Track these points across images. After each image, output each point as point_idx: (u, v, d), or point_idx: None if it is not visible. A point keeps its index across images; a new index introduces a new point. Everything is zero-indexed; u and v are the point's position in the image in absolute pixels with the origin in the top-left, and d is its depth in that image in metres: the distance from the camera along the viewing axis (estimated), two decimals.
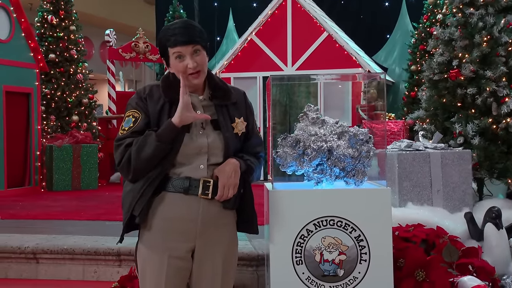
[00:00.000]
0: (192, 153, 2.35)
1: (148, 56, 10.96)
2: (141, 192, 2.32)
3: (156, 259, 2.37)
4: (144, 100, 2.38)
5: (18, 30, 8.49)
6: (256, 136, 2.54)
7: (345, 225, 2.72)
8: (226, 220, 2.44)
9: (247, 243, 3.96)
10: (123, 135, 2.35)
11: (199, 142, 2.36)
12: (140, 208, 2.32)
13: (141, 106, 2.37)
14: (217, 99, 2.43)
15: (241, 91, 2.56)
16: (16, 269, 4.19)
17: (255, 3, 14.62)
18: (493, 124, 4.61)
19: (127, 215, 2.36)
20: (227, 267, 2.46)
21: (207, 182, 2.34)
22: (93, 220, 5.56)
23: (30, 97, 8.69)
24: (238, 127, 2.44)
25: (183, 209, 2.35)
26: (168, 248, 2.36)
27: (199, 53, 2.34)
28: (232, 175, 2.33)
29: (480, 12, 4.78)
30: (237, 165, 2.36)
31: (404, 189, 4.15)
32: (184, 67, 2.31)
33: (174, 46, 2.31)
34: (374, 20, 14.52)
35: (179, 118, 2.27)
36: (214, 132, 2.39)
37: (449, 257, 3.28)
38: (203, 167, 2.35)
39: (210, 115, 2.39)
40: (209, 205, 2.36)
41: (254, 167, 2.46)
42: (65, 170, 8.72)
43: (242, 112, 2.48)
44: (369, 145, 2.80)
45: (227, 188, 2.33)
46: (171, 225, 2.36)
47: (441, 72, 4.93)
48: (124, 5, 19.55)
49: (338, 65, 9.91)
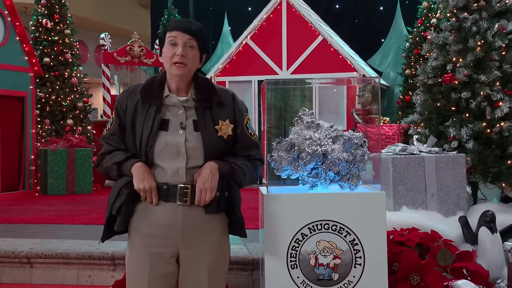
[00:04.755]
0: (169, 154, 2.32)
1: (143, 60, 10.97)
2: (117, 191, 2.36)
3: (139, 264, 2.38)
4: (125, 99, 2.42)
5: (13, 34, 8.47)
6: (247, 139, 2.46)
7: (339, 229, 2.72)
8: (212, 224, 2.40)
9: (242, 247, 3.95)
10: (105, 134, 2.47)
11: (176, 141, 2.33)
12: (118, 206, 2.34)
13: (118, 108, 2.43)
14: (200, 101, 2.39)
15: (230, 92, 2.49)
16: (10, 273, 4.18)
17: (250, 7, 14.65)
18: (487, 128, 4.62)
19: (108, 213, 2.39)
20: (214, 271, 2.41)
21: (184, 188, 2.32)
22: (87, 224, 5.54)
23: (25, 101, 8.67)
24: (222, 130, 2.38)
25: (163, 216, 2.34)
26: (151, 253, 2.36)
27: (192, 49, 2.34)
28: (208, 178, 2.28)
29: (474, 17, 4.80)
30: (215, 168, 2.31)
31: (399, 193, 4.16)
32: (172, 54, 2.32)
33: (172, 30, 2.34)
34: (369, 24, 14.58)
35: (135, 177, 2.31)
36: (194, 133, 2.35)
37: (444, 261, 3.28)
38: (182, 172, 2.32)
39: (191, 115, 2.37)
40: (190, 210, 2.34)
41: (242, 169, 2.39)
42: (60, 174, 8.69)
43: (229, 115, 2.42)
44: (363, 149, 2.80)
45: (204, 192, 2.28)
46: (153, 231, 2.35)
47: (436, 76, 4.96)
48: (119, 9, 19.56)
49: (333, 69, 9.94)
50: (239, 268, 3.76)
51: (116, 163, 2.36)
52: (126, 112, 2.40)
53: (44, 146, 8.88)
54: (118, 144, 2.42)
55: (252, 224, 4.29)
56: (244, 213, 2.52)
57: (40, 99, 9.48)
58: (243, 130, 2.46)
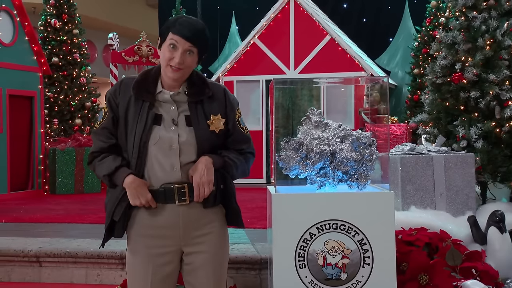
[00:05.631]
0: (162, 149, 2.32)
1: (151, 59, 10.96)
2: (119, 197, 2.35)
3: (142, 269, 2.38)
4: (117, 93, 2.40)
5: (22, 34, 8.52)
6: (239, 133, 2.47)
7: (348, 228, 2.71)
8: (211, 217, 2.41)
9: (250, 246, 3.95)
10: (96, 129, 2.44)
11: (169, 136, 2.33)
12: (120, 213, 2.34)
13: (111, 101, 2.41)
14: (192, 95, 2.39)
15: (222, 87, 2.49)
16: (19, 272, 4.20)
17: (257, 7, 14.65)
18: (496, 128, 4.60)
19: (108, 220, 2.39)
20: (218, 262, 2.44)
21: (181, 188, 2.32)
22: (96, 223, 5.55)
23: (34, 100, 8.71)
24: (214, 124, 2.38)
25: (163, 217, 2.35)
26: (153, 256, 2.36)
27: (191, 54, 2.33)
28: (204, 173, 2.29)
29: (483, 16, 4.78)
30: (209, 161, 2.32)
31: (407, 193, 4.15)
32: (170, 57, 2.31)
33: (175, 34, 2.31)
34: (377, 23, 14.54)
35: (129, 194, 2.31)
36: (186, 128, 2.36)
37: (453, 261, 3.27)
38: (176, 169, 2.32)
39: (183, 110, 2.37)
40: (189, 208, 2.35)
41: (234, 163, 2.41)
42: (68, 174, 8.73)
43: (221, 109, 2.42)
44: (372, 149, 2.80)
45: (202, 186, 2.29)
46: (154, 233, 2.36)
47: (444, 76, 4.93)
48: (127, 9, 19.61)
49: (341, 69, 9.91)
50: (247, 267, 3.76)
51: (107, 175, 2.35)
52: (118, 106, 2.39)
53: (53, 145, 8.93)
54: (109, 140, 2.40)
55: (260, 223, 4.30)
56: (252, 212, 2.53)
57: (48, 99, 9.53)
58: (235, 124, 2.46)
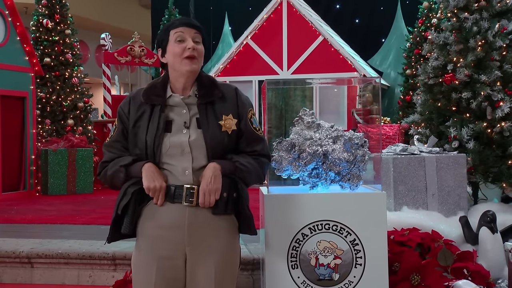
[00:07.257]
0: (175, 154, 2.31)
1: (143, 60, 10.97)
2: (124, 191, 2.34)
3: (146, 268, 2.35)
4: (128, 104, 2.41)
5: (13, 34, 8.48)
6: (251, 133, 2.40)
7: (340, 229, 2.72)
8: (220, 225, 2.35)
9: (242, 247, 3.95)
10: (107, 142, 2.44)
11: (180, 140, 2.31)
12: (123, 205, 2.32)
13: (121, 114, 2.41)
14: (202, 97, 2.37)
15: (233, 87, 2.47)
16: (10, 273, 4.18)
17: (250, 7, 14.65)
18: (487, 128, 4.62)
19: (114, 214, 2.37)
20: (222, 274, 2.36)
21: (191, 189, 2.29)
22: (88, 224, 5.54)
23: (25, 101, 8.67)
24: (226, 125, 2.35)
25: (169, 217, 2.32)
26: (157, 256, 2.33)
27: (198, 43, 2.35)
28: (211, 180, 2.25)
29: (474, 17, 4.80)
30: (218, 169, 2.28)
31: (399, 193, 4.16)
32: (182, 48, 2.31)
33: (178, 27, 2.33)
34: (370, 24, 14.59)
35: (145, 176, 2.29)
36: (198, 130, 2.33)
37: (444, 261, 3.28)
38: (188, 173, 2.29)
39: (195, 114, 2.35)
40: (196, 212, 2.31)
41: (247, 168, 2.33)
42: (60, 174, 8.69)
43: (233, 109, 2.38)
44: (364, 149, 2.80)
45: (207, 194, 2.26)
46: (159, 233, 2.33)
47: (436, 76, 4.96)
48: (119, 9, 19.57)
49: (334, 69, 9.94)
50: (239, 268, 3.76)
51: (124, 165, 2.33)
52: (129, 117, 2.38)
53: (45, 146, 8.89)
54: (121, 152, 2.40)
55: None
56: None
57: (40, 99, 9.48)
58: (247, 124, 2.40)
